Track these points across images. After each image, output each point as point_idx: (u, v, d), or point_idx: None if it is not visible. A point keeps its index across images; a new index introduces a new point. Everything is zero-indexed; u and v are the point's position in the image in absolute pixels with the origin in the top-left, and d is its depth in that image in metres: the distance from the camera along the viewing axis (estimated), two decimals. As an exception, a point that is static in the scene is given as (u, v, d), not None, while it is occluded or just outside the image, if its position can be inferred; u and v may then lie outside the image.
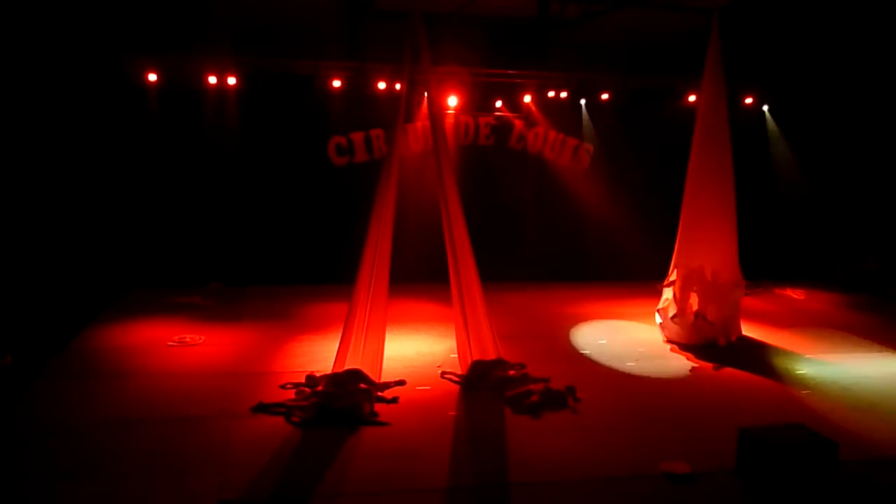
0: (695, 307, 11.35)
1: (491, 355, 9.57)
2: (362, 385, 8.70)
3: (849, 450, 7.10)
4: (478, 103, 15.04)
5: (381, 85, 14.25)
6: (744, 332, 11.85)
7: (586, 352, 11.04)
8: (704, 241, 11.44)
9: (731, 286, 11.45)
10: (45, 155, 13.19)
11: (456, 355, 9.90)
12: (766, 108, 16.25)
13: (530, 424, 8.34)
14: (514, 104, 15.25)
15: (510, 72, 14.80)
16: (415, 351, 10.72)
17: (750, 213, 15.13)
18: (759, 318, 12.83)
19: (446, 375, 9.69)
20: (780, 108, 16.18)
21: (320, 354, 10.16)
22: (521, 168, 15.55)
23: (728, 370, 10.32)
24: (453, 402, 8.95)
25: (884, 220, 15.66)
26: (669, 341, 11.52)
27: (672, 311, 11.46)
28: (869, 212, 15.92)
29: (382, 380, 9.18)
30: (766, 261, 15.85)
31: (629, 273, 15.16)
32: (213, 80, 13.73)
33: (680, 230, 11.64)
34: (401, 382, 9.29)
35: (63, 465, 7.06)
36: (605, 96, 15.37)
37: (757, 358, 10.97)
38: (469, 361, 9.54)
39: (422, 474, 7.04)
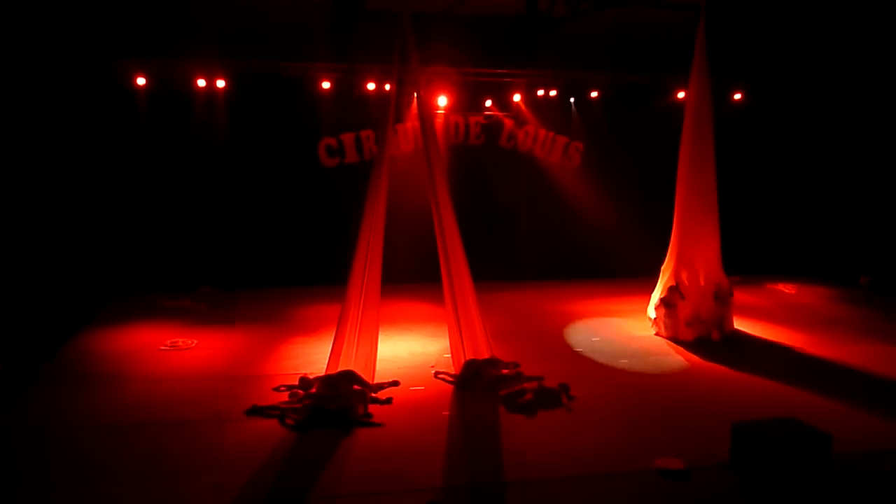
0: (688, 309, 11.40)
1: (484, 354, 9.58)
2: (356, 386, 8.69)
3: (842, 442, 7.12)
4: (467, 103, 15.04)
5: (371, 86, 14.24)
6: (736, 327, 11.90)
7: (579, 349, 11.05)
8: (693, 238, 11.51)
9: (720, 283, 11.53)
10: (34, 160, 13.13)
11: (449, 355, 9.91)
12: (755, 103, 16.28)
13: (525, 423, 8.35)
14: (503, 103, 15.26)
15: (499, 71, 14.80)
16: (408, 351, 10.71)
17: (741, 208, 15.29)
18: (751, 312, 12.88)
19: (440, 375, 9.69)
20: (770, 103, 16.23)
21: (313, 356, 10.14)
22: (512, 167, 15.55)
23: (721, 365, 10.35)
24: (447, 401, 8.95)
25: (875, 214, 15.70)
26: (662, 336, 11.56)
27: (661, 295, 11.54)
28: (860, 206, 15.94)
29: (376, 381, 9.18)
30: (757, 256, 15.93)
31: (621, 270, 15.23)
32: (202, 82, 13.69)
33: (674, 228, 11.70)
34: (394, 383, 9.29)
35: (57, 470, 7.04)
36: (594, 94, 15.39)
37: (750, 352, 11.01)
38: (462, 361, 9.54)
39: (417, 474, 7.04)
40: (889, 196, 15.29)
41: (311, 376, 9.06)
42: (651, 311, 11.89)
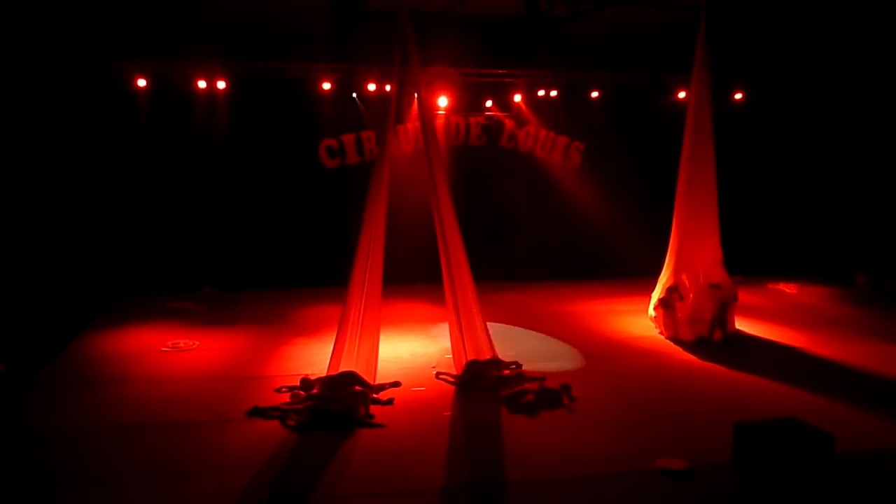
0: (689, 309, 11.40)
1: (485, 355, 9.58)
2: (357, 387, 8.70)
3: (844, 442, 7.11)
4: (468, 103, 15.03)
5: (372, 86, 14.24)
6: (737, 327, 11.90)
7: (579, 350, 11.04)
8: (694, 238, 11.52)
9: (723, 281, 11.54)
10: (35, 161, 13.14)
11: (450, 356, 9.91)
12: (756, 102, 16.27)
13: (526, 423, 8.35)
14: (504, 103, 15.25)
15: (500, 71, 14.80)
16: (409, 352, 10.72)
17: (742, 207, 15.28)
18: (752, 312, 12.87)
19: (441, 376, 9.69)
20: (770, 102, 16.22)
21: (315, 357, 10.15)
22: (513, 167, 15.55)
23: (722, 365, 10.34)
24: (448, 402, 8.95)
25: (874, 213, 15.71)
26: (663, 336, 11.56)
27: (660, 296, 11.55)
28: (860, 205, 15.95)
29: (377, 381, 9.18)
30: (758, 255, 15.92)
31: (622, 270, 15.21)
32: (202, 84, 13.69)
33: (673, 228, 11.71)
34: (396, 384, 9.29)
35: (59, 472, 7.05)
36: (594, 94, 15.38)
37: (751, 352, 11.01)
38: (464, 362, 9.55)
39: (418, 475, 7.04)
40: (888, 195, 15.30)
41: (312, 377, 9.07)
42: (651, 311, 11.90)
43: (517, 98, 15.19)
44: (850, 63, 15.30)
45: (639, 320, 12.30)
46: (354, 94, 14.20)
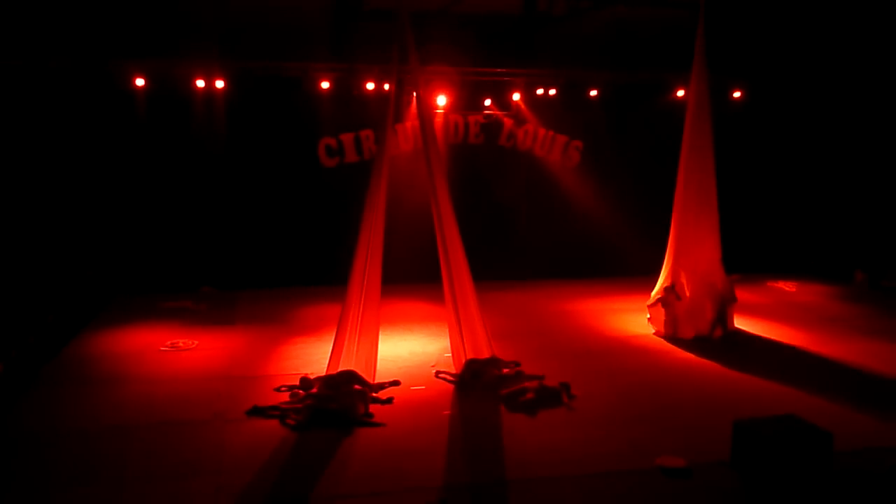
0: (687, 307, 11.40)
1: (485, 354, 9.58)
2: (356, 386, 8.70)
3: (843, 440, 7.12)
4: (467, 102, 15.03)
5: (370, 85, 14.24)
6: (736, 325, 11.91)
7: (579, 348, 11.05)
8: (692, 237, 11.51)
9: (721, 281, 11.54)
10: (34, 161, 13.14)
11: (450, 355, 9.90)
12: (754, 101, 16.27)
13: (525, 422, 8.35)
14: (503, 102, 15.26)
15: (499, 70, 14.80)
16: (408, 351, 10.72)
17: (742, 206, 15.30)
18: (751, 310, 12.87)
19: (440, 375, 9.69)
20: (769, 101, 16.23)
21: (314, 356, 10.15)
22: (512, 166, 15.55)
23: (721, 363, 10.34)
24: (448, 401, 8.95)
25: (873, 211, 15.72)
26: (662, 335, 11.57)
27: (658, 295, 11.56)
28: (860, 203, 15.96)
29: (377, 380, 9.18)
30: (758, 254, 15.93)
31: (621, 268, 15.23)
32: (200, 83, 13.69)
33: (672, 227, 11.70)
34: (395, 383, 9.30)
35: (58, 472, 7.04)
36: (593, 92, 15.38)
37: (750, 350, 11.01)
38: (463, 360, 9.55)
39: (418, 474, 7.04)
40: (886, 193, 15.31)
41: (311, 376, 9.07)
42: (649, 311, 11.90)
43: (516, 96, 15.19)
44: (850, 61, 15.31)
45: (638, 318, 12.30)
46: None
